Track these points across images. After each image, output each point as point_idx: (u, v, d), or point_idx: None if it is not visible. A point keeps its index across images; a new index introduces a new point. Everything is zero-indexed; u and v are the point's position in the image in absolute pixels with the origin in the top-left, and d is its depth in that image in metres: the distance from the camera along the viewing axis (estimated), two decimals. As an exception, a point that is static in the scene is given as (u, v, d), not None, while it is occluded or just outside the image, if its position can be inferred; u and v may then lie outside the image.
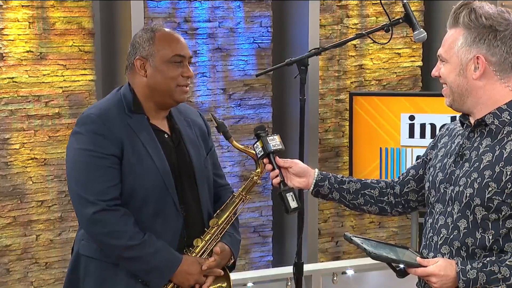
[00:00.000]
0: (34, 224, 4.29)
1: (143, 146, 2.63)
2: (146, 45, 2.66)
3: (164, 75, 2.66)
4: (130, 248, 2.58)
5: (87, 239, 2.67)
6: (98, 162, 2.58)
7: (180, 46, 2.70)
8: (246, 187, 2.76)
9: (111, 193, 2.59)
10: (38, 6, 4.18)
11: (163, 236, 2.65)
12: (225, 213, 2.75)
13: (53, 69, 4.25)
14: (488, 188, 2.10)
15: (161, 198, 2.65)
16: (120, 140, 2.61)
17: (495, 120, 2.17)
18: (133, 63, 2.69)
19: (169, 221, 2.66)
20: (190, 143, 2.77)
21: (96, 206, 2.56)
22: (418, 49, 5.05)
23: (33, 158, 4.26)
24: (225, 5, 4.58)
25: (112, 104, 2.68)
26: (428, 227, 2.26)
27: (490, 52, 2.15)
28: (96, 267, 2.66)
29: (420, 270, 2.10)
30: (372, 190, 2.49)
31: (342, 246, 5.02)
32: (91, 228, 2.60)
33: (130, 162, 2.61)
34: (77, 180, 2.61)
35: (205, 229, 2.73)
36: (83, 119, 2.65)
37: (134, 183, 2.62)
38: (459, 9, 2.20)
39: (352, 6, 4.86)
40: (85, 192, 2.58)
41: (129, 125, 2.64)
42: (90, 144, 2.59)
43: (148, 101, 2.69)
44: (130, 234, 2.58)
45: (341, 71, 4.89)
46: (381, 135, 4.55)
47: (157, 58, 2.65)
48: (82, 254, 2.69)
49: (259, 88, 4.73)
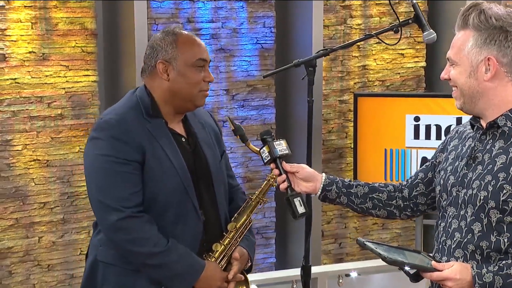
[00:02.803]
0: (36, 226, 4.27)
1: (163, 151, 2.61)
2: (169, 48, 2.62)
3: (188, 80, 2.63)
4: (154, 255, 2.56)
5: (105, 245, 2.64)
6: (120, 168, 2.55)
7: (202, 49, 2.68)
8: (262, 190, 2.74)
9: (134, 200, 2.56)
10: (40, 7, 4.16)
11: (184, 241, 2.63)
12: (243, 216, 2.74)
13: (56, 70, 4.22)
14: (503, 191, 2.08)
15: (182, 203, 2.63)
16: (141, 146, 2.58)
17: (508, 122, 2.15)
18: (153, 66, 2.64)
19: (189, 226, 2.64)
20: (206, 146, 2.75)
21: (120, 213, 2.54)
22: (421, 50, 5.03)
23: (36, 159, 4.23)
24: (228, 5, 4.56)
25: (130, 108, 2.64)
26: (441, 231, 2.24)
27: (501, 53, 2.13)
28: (114, 273, 2.64)
29: (436, 275, 2.08)
30: (380, 194, 2.47)
31: (345, 247, 5.00)
32: (115, 235, 2.57)
33: (151, 168, 2.59)
34: (99, 186, 2.58)
35: (224, 233, 2.72)
36: (101, 125, 2.61)
37: (155, 189, 2.60)
38: (467, 11, 2.18)
39: (355, 7, 4.85)
40: (107, 199, 2.55)
41: (148, 130, 2.61)
42: (111, 149, 2.56)
43: (166, 105, 2.66)
44: (154, 241, 2.56)
45: (345, 71, 4.87)
46: (386, 136, 4.53)
47: (180, 61, 2.62)
48: (100, 260, 2.66)
49: (262, 89, 4.71)
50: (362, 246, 2.14)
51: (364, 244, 2.13)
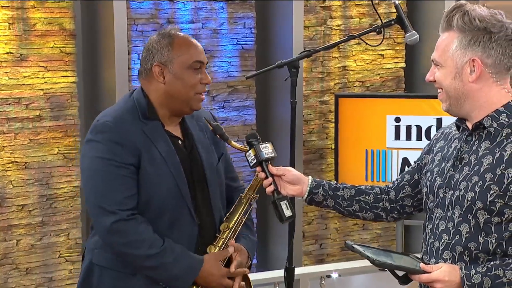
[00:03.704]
0: (14, 228, 4.21)
1: (159, 154, 2.60)
2: (164, 50, 2.61)
3: (184, 82, 2.61)
4: (150, 257, 2.55)
5: (100, 248, 2.63)
6: (116, 171, 2.54)
7: (198, 51, 2.66)
8: (252, 186, 2.72)
9: (130, 203, 2.55)
10: (18, 7, 4.10)
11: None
12: (235, 215, 2.72)
13: (34, 71, 4.17)
14: (490, 191, 2.08)
15: (177, 207, 2.62)
16: (137, 149, 2.57)
17: (493, 123, 2.16)
18: (150, 68, 2.63)
19: (184, 230, 2.63)
20: (203, 148, 2.73)
21: (115, 216, 2.53)
22: (401, 51, 5.05)
23: (14, 161, 4.18)
24: (208, 6, 4.53)
25: (126, 110, 2.63)
26: (428, 232, 2.24)
27: (485, 55, 2.14)
28: (110, 277, 2.62)
29: (425, 277, 2.08)
30: (367, 196, 2.47)
31: (326, 248, 5.00)
32: (110, 238, 2.56)
33: (147, 171, 2.57)
34: (95, 189, 2.57)
35: (217, 234, 2.70)
36: (98, 127, 2.60)
37: (150, 192, 2.58)
38: (451, 12, 2.19)
39: (335, 7, 4.85)
40: (103, 202, 2.54)
41: (144, 133, 2.60)
42: (108, 152, 2.55)
43: (163, 108, 2.65)
44: (149, 243, 2.55)
45: (325, 72, 4.87)
46: (366, 137, 4.54)
47: (176, 64, 2.60)
48: (95, 263, 2.65)
49: (242, 90, 4.69)
50: (350, 249, 2.14)
51: (353, 247, 2.13)
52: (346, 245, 2.17)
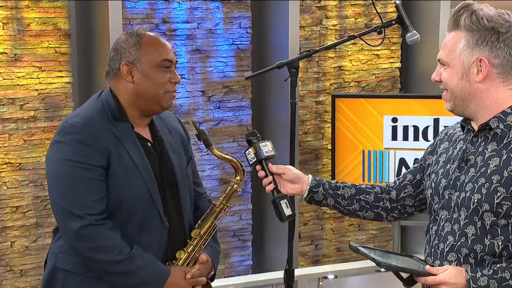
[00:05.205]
0: (8, 230, 4.18)
1: (129, 156, 2.55)
2: (132, 49, 2.57)
3: (153, 81, 2.57)
4: (118, 263, 2.50)
5: (65, 253, 2.57)
6: (84, 174, 2.48)
7: (167, 50, 2.62)
8: (226, 195, 2.70)
9: (98, 207, 2.50)
10: (12, 7, 4.06)
11: (149, 249, 2.58)
12: (207, 223, 2.69)
13: (28, 71, 4.13)
14: (497, 193, 2.07)
15: (147, 210, 2.57)
16: (106, 151, 2.51)
17: (500, 124, 2.14)
18: (118, 68, 2.60)
19: (154, 234, 2.59)
20: (172, 151, 2.70)
21: (83, 221, 2.47)
22: (396, 51, 5.03)
23: (8, 162, 4.14)
24: (204, 6, 4.51)
25: (95, 111, 2.58)
26: (433, 234, 2.22)
27: (493, 55, 2.13)
28: (75, 282, 2.57)
29: (430, 279, 2.06)
30: (367, 196, 2.46)
31: (322, 249, 4.98)
32: (78, 243, 2.50)
33: (116, 173, 2.52)
34: (62, 192, 2.51)
35: (188, 240, 2.67)
36: (66, 128, 2.54)
37: (120, 195, 2.53)
38: (459, 12, 2.17)
39: (331, 7, 4.83)
40: (70, 206, 2.48)
41: (113, 134, 2.55)
42: (76, 154, 2.49)
43: (132, 108, 2.61)
44: (118, 249, 2.50)
45: (321, 72, 4.85)
46: (363, 137, 4.52)
47: (144, 63, 2.57)
48: (59, 268, 2.59)
49: (238, 90, 4.67)
50: (355, 251, 2.12)
51: (357, 249, 2.11)
52: (350, 247, 2.15)
